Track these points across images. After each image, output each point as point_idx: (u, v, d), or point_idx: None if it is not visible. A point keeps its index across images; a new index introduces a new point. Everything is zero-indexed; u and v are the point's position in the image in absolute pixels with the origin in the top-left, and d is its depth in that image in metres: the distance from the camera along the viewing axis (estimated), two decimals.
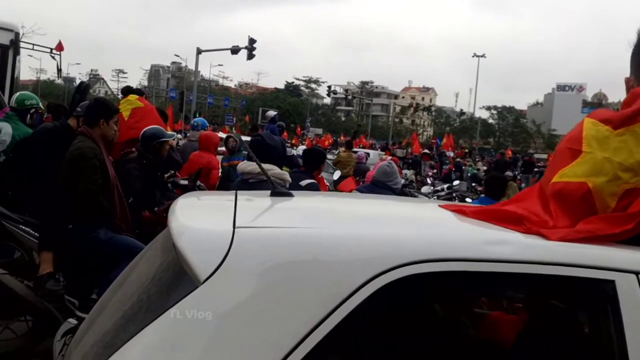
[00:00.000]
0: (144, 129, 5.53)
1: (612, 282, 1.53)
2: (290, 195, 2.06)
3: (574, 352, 1.65)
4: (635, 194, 1.71)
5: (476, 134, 67.35)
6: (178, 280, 1.47)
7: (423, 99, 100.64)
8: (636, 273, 1.55)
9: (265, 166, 3.91)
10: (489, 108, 76.85)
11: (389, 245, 1.50)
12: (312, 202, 2.34)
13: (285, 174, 4.10)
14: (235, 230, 1.47)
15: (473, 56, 61.21)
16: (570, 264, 1.55)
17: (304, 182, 5.32)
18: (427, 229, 1.77)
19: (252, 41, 28.16)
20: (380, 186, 5.74)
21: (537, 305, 1.73)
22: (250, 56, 28.41)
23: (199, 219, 1.73)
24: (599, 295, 1.58)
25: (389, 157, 16.18)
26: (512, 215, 1.76)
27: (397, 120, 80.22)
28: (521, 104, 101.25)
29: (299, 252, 1.46)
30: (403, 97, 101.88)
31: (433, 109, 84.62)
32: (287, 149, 7.87)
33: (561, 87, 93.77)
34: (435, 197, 11.31)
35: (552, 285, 1.64)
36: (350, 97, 67.19)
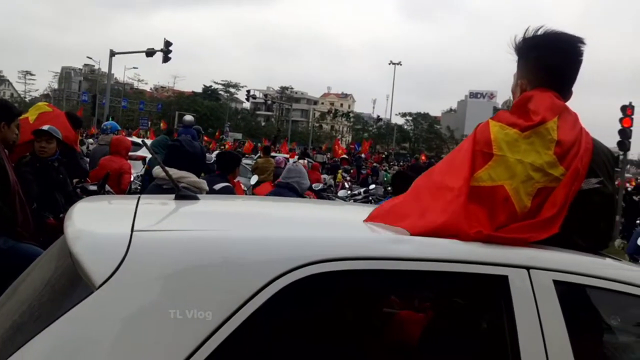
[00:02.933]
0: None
1: (505, 277, 1.62)
2: (196, 198, 2.03)
3: (472, 346, 1.72)
4: (545, 192, 1.82)
5: (393, 140, 69.04)
6: (73, 287, 1.40)
7: (342, 105, 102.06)
8: (527, 268, 1.64)
9: (182, 173, 3.83)
10: (404, 115, 79.07)
11: (289, 246, 1.50)
12: (216, 205, 2.31)
13: (202, 182, 4.02)
14: (133, 233, 1.43)
15: (389, 63, 62.86)
16: (467, 261, 1.62)
17: (218, 186, 5.26)
18: (328, 230, 1.80)
19: (167, 44, 27.61)
20: (284, 186, 5.78)
21: (437, 302, 1.79)
22: (166, 59, 27.84)
23: (96, 223, 1.66)
24: (493, 290, 1.66)
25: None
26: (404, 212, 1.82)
27: (317, 125, 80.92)
28: (436, 111, 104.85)
29: (199, 255, 1.43)
30: (322, 103, 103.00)
31: (351, 115, 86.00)
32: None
33: (473, 95, 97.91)
34: (351, 200, 11.50)
35: (451, 282, 1.69)
36: (269, 102, 67.04)
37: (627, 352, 1.98)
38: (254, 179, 9.02)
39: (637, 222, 17.65)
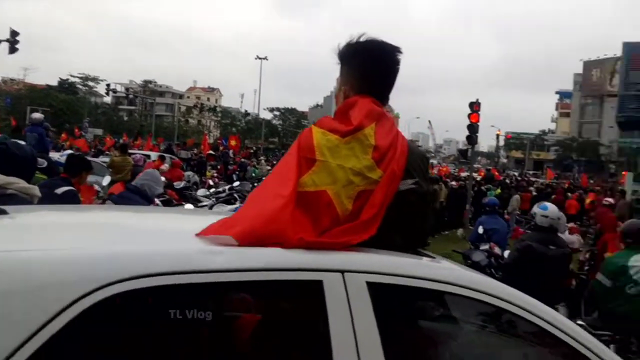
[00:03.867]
0: None
1: (320, 282, 1.65)
2: (4, 212, 1.87)
3: (289, 354, 1.73)
4: (365, 195, 1.88)
5: (261, 135, 69.16)
6: None
7: (208, 99, 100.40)
8: (342, 272, 1.69)
9: (9, 179, 3.50)
10: (272, 109, 79.53)
11: (93, 265, 1.42)
12: (26, 218, 2.14)
13: (33, 188, 3.69)
14: None
15: (256, 58, 62.85)
16: (282, 269, 1.63)
17: (60, 190, 4.92)
18: (142, 244, 1.72)
19: (14, 33, 25.44)
20: (133, 189, 5.57)
21: (255, 313, 1.79)
22: (13, 50, 25.62)
23: None
24: (309, 297, 1.68)
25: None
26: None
27: (183, 120, 78.86)
28: (303, 106, 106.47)
29: None
30: (188, 97, 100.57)
31: (219, 109, 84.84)
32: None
33: None
34: (214, 199, 11.33)
35: (267, 291, 1.69)
36: (131, 96, 64.19)
37: (440, 349, 2.11)
38: (107, 179, 8.55)
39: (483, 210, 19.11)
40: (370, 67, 2.11)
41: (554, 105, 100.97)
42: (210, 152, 27.79)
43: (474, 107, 19.20)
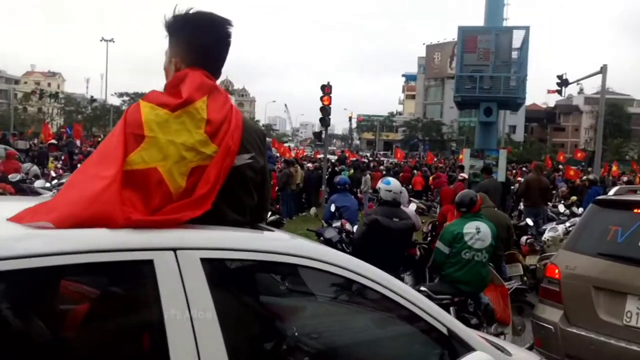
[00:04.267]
0: None
1: (151, 261, 1.59)
2: None
3: (124, 336, 1.65)
4: (200, 171, 1.83)
5: (110, 122, 65.56)
6: None
7: (49, 84, 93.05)
8: (174, 250, 1.63)
9: None
10: (121, 94, 75.53)
11: None
12: None
13: None
14: None
15: (101, 40, 59.25)
16: (108, 250, 1.55)
17: None
18: None
19: None
20: None
21: (83, 297, 1.69)
22: None
23: None
24: (139, 276, 1.62)
25: None
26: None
27: (21, 108, 72.32)
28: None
29: None
30: (26, 82, 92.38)
31: (61, 95, 78.88)
32: None
33: None
34: (56, 190, 10.54)
35: (94, 274, 1.61)
36: None
37: (284, 321, 2.13)
38: None
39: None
40: (199, 38, 2.05)
41: (401, 87, 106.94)
42: (53, 141, 25.81)
43: (326, 89, 19.67)
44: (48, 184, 11.67)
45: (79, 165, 17.40)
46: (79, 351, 1.62)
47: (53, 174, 15.82)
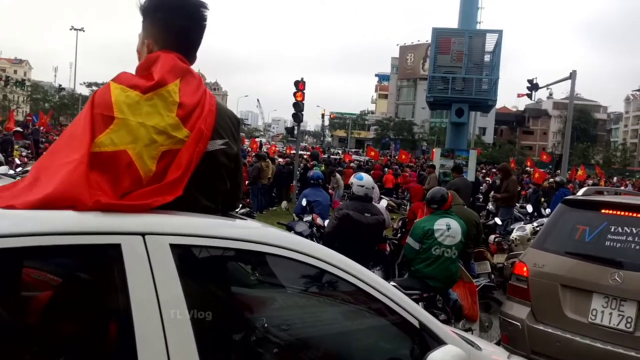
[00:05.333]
0: None
1: (118, 245, 1.53)
2: None
3: (88, 324, 1.59)
4: (171, 155, 1.78)
5: (77, 111, 64.38)
6: None
7: (16, 71, 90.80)
8: (143, 234, 1.58)
9: None
10: (90, 84, 74.06)
11: None
12: None
13: None
14: None
15: (71, 29, 58.04)
16: (75, 232, 1.49)
17: None
18: None
19: None
20: None
21: (46, 281, 1.62)
22: None
23: None
24: (106, 260, 1.56)
25: None
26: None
27: None
28: None
29: None
30: None
31: (28, 83, 77.07)
32: None
33: None
34: (20, 177, 10.28)
35: (58, 257, 1.55)
36: None
37: (253, 309, 2.09)
38: None
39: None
40: (173, 20, 1.99)
41: (374, 87, 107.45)
42: (18, 129, 25.21)
43: (300, 85, 19.62)
44: (12, 172, 11.36)
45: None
46: (42, 337, 1.56)
47: (18, 161, 15.43)
